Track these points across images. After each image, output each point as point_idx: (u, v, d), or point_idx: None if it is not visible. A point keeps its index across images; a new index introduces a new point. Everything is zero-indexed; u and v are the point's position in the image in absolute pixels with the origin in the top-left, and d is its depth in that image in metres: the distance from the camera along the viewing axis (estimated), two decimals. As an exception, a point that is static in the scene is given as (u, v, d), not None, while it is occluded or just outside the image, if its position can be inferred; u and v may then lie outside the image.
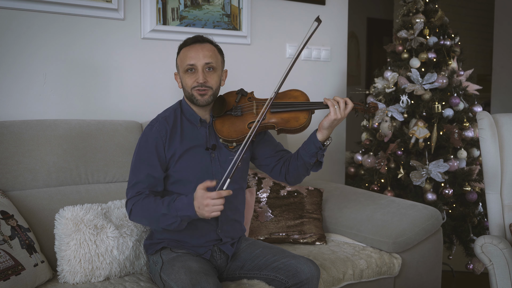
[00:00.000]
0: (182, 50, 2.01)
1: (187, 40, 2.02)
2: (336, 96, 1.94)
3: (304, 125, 1.96)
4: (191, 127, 2.02)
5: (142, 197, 1.91)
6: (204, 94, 1.96)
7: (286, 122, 1.96)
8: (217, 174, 2.01)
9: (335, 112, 1.90)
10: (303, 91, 2.05)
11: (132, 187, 1.94)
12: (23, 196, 2.16)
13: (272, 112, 1.98)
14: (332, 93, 3.45)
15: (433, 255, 2.57)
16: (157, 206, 1.87)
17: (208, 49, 1.98)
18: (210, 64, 1.96)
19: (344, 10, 3.47)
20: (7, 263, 1.82)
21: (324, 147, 1.97)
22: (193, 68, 1.96)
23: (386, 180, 3.19)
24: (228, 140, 1.97)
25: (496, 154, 2.36)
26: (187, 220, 1.85)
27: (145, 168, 1.94)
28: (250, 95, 2.06)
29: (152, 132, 1.97)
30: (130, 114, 2.67)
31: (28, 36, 2.39)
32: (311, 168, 2.04)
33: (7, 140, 2.16)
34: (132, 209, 1.92)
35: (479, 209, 3.20)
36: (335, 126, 1.95)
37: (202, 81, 1.94)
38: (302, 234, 2.55)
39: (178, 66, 2.03)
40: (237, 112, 2.00)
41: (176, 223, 1.84)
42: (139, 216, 1.92)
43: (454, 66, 3.27)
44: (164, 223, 1.86)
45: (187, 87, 1.98)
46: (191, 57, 1.95)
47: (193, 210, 1.79)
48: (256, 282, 1.99)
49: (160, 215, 1.85)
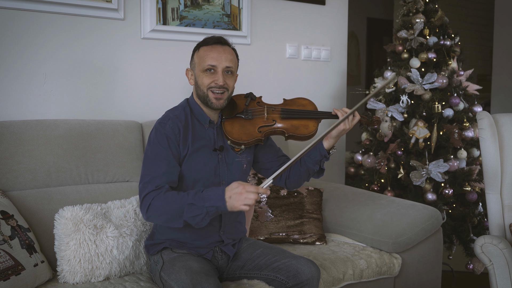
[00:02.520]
0: (202, 49, 1.99)
1: (208, 39, 2.00)
2: (344, 108, 2.00)
3: (313, 133, 2.04)
4: (200, 127, 2.02)
5: (163, 190, 1.84)
6: (220, 98, 1.96)
7: (296, 129, 2.03)
8: (223, 175, 2.01)
9: (345, 123, 1.98)
10: (311, 100, 2.13)
11: (150, 181, 1.87)
12: (23, 196, 2.16)
13: (283, 118, 2.03)
14: (332, 93, 3.46)
15: (433, 255, 2.57)
16: (182, 197, 1.80)
17: (229, 52, 1.99)
18: (230, 68, 1.97)
19: (344, 10, 3.47)
20: (7, 263, 1.82)
21: (329, 155, 2.04)
22: (213, 69, 1.95)
23: (386, 180, 3.19)
24: (238, 142, 1.99)
25: (496, 154, 2.36)
26: (213, 213, 1.78)
27: (163, 164, 1.89)
28: (259, 100, 2.10)
29: (166, 129, 1.94)
30: (130, 114, 2.67)
31: (28, 36, 2.39)
32: (313, 175, 2.10)
33: (7, 140, 2.16)
34: (151, 204, 1.83)
35: (479, 209, 3.20)
36: (341, 136, 2.02)
37: (222, 83, 1.94)
38: (302, 234, 2.55)
39: (195, 64, 2.00)
40: (248, 115, 2.03)
41: (201, 216, 1.77)
42: (160, 210, 1.82)
43: (454, 66, 3.27)
44: (188, 215, 1.78)
45: (203, 86, 1.96)
46: (213, 58, 1.95)
47: (223, 201, 1.74)
48: (256, 282, 1.99)
49: (185, 205, 1.78)
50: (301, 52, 3.29)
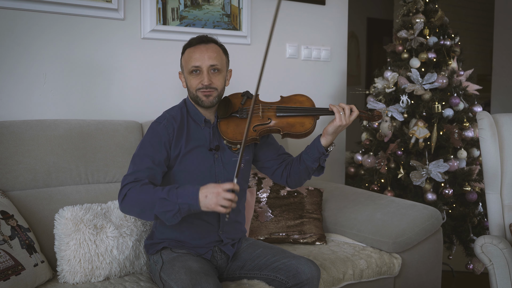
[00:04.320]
0: (186, 51, 1.99)
1: (192, 40, 2.00)
2: (341, 103, 1.95)
3: (309, 131, 1.97)
4: (196, 127, 2.02)
5: (140, 183, 1.81)
6: (209, 95, 1.95)
7: (291, 127, 1.97)
8: (219, 175, 2.01)
9: (341, 118, 1.92)
10: (308, 97, 2.06)
11: (131, 174, 1.86)
12: (23, 196, 2.16)
13: (278, 116, 1.99)
14: (332, 93, 3.46)
15: (433, 255, 2.57)
16: (156, 191, 1.77)
17: (213, 50, 1.96)
18: (215, 66, 1.95)
19: (344, 10, 3.47)
20: (7, 263, 1.82)
21: (327, 153, 1.99)
22: (198, 69, 1.95)
23: (386, 180, 3.19)
24: (233, 142, 1.97)
25: (496, 154, 2.36)
26: (186, 211, 1.74)
27: (148, 161, 1.89)
28: (256, 98, 2.05)
29: (160, 128, 1.95)
30: (130, 114, 2.67)
31: (28, 36, 2.39)
32: (313, 172, 2.06)
33: (7, 140, 2.16)
34: (127, 194, 1.80)
35: (479, 209, 3.20)
36: (339, 132, 1.96)
37: (207, 83, 1.93)
38: (302, 234, 2.55)
39: (182, 67, 2.02)
40: (243, 114, 2.00)
41: (172, 212, 1.74)
42: (133, 201, 1.79)
43: (454, 66, 3.27)
44: (159, 209, 1.74)
45: (192, 88, 1.97)
46: (196, 59, 1.94)
47: (196, 199, 1.71)
48: (256, 282, 1.99)
49: (157, 200, 1.75)
50: (301, 52, 3.29)
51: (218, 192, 1.70)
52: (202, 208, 1.73)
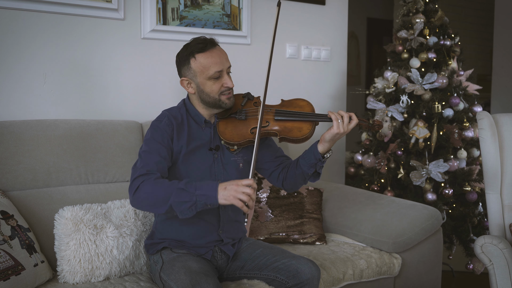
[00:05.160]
0: (200, 56, 1.91)
1: (200, 45, 1.92)
2: (340, 111, 1.93)
3: (306, 136, 1.95)
4: (196, 127, 2.02)
5: (154, 176, 1.80)
6: (230, 96, 1.97)
7: (288, 131, 1.96)
8: (219, 175, 2.01)
9: (338, 126, 1.90)
10: (309, 102, 2.04)
11: (141, 167, 1.83)
12: (23, 196, 2.16)
13: (276, 120, 1.98)
14: (332, 93, 3.46)
15: (433, 255, 2.57)
16: (173, 183, 1.76)
17: (223, 51, 1.97)
18: (230, 66, 1.98)
19: (344, 10, 3.47)
20: (7, 263, 1.82)
21: (324, 159, 1.98)
22: (220, 74, 1.93)
23: (386, 180, 3.19)
24: (230, 142, 1.97)
25: (496, 154, 2.36)
26: (202, 204, 1.73)
27: (155, 156, 1.88)
28: (256, 100, 2.05)
29: (162, 125, 1.95)
30: (130, 114, 2.67)
31: (28, 36, 2.39)
32: (309, 178, 2.05)
33: (7, 140, 2.16)
34: (140, 186, 1.77)
35: (479, 209, 3.20)
36: (337, 140, 1.94)
37: (232, 85, 1.95)
38: (302, 234, 2.55)
39: (195, 72, 1.93)
40: (241, 115, 1.99)
41: (189, 204, 1.73)
42: (148, 193, 1.77)
43: (454, 66, 3.27)
44: (175, 199, 1.73)
45: (214, 93, 1.94)
46: (217, 63, 1.91)
47: (215, 191, 1.71)
48: (256, 282, 1.99)
49: (174, 190, 1.73)
50: (301, 52, 3.29)
51: (238, 184, 1.71)
52: (220, 201, 1.72)
